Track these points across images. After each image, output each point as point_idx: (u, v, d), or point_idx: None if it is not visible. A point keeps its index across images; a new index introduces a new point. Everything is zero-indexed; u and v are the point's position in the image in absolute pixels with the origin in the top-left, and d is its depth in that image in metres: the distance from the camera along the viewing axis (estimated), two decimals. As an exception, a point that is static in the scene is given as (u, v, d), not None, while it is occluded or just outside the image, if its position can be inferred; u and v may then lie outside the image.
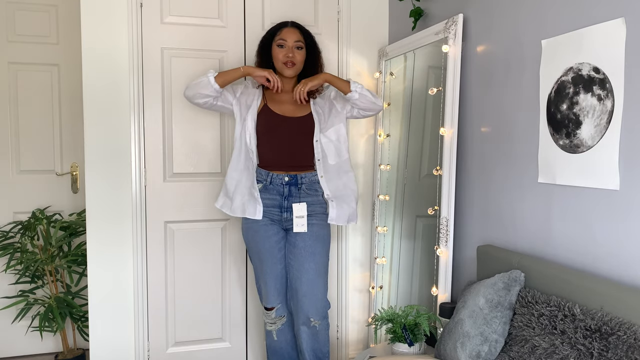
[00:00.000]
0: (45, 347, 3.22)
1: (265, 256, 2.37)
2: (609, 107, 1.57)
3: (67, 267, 2.87)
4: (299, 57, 2.37)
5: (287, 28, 2.39)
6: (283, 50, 2.35)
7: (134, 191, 2.60)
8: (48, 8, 3.15)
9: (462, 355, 1.74)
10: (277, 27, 2.42)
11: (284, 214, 2.36)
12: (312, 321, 2.34)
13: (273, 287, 2.39)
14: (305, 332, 2.36)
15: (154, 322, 2.69)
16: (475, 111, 2.23)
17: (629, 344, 1.34)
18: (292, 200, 2.35)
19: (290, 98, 2.39)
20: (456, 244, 2.32)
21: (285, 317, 2.45)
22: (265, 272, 2.39)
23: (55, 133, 3.21)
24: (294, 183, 2.35)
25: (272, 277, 2.38)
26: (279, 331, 2.46)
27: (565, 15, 1.75)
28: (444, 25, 2.30)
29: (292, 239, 2.37)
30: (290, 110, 2.39)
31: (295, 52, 2.35)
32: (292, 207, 2.33)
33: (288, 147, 2.36)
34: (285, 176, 2.34)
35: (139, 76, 2.58)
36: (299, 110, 2.40)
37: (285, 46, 2.35)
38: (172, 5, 2.63)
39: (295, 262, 2.35)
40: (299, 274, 2.33)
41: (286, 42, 2.35)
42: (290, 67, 2.35)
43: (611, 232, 1.60)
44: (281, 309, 2.44)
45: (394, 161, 2.80)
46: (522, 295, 1.73)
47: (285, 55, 2.34)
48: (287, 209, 2.35)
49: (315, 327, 2.35)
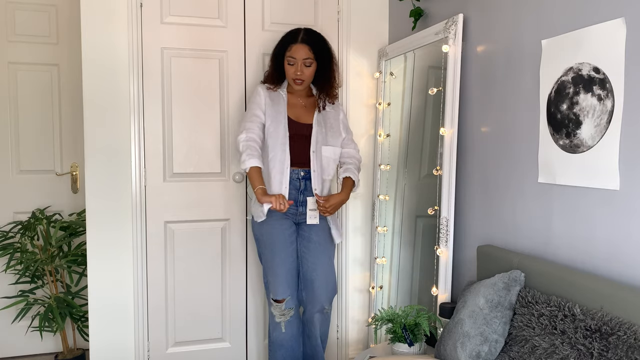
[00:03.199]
0: (45, 347, 3.22)
1: (279, 248, 2.43)
2: (609, 107, 1.57)
3: (67, 267, 2.87)
4: (308, 73, 2.45)
5: (297, 45, 2.42)
6: (292, 67, 2.43)
7: (134, 191, 2.60)
8: (48, 8, 3.15)
9: (462, 355, 1.74)
10: (288, 41, 2.44)
11: (300, 207, 2.45)
12: (325, 309, 2.51)
13: (284, 278, 2.43)
14: (318, 319, 2.52)
15: (154, 322, 2.69)
16: (475, 111, 2.23)
17: (629, 344, 1.34)
18: (307, 194, 2.45)
19: (302, 102, 2.53)
20: (456, 244, 2.32)
21: (293, 310, 2.47)
22: (278, 264, 2.43)
23: (55, 133, 3.21)
24: (307, 177, 2.46)
25: (285, 269, 2.43)
26: (288, 323, 2.46)
27: (565, 15, 1.75)
28: (444, 25, 2.30)
29: (305, 233, 2.48)
30: (300, 115, 2.50)
31: (304, 69, 2.43)
32: (307, 200, 2.43)
33: (298, 146, 2.44)
34: (301, 171, 2.44)
35: (139, 76, 2.58)
36: (307, 116, 2.51)
37: (294, 64, 2.42)
38: (172, 5, 2.63)
39: (310, 255, 2.47)
40: (314, 267, 2.47)
41: (295, 59, 2.41)
42: (299, 84, 2.45)
43: (611, 232, 1.59)
44: (290, 301, 2.45)
45: (394, 161, 2.80)
46: (522, 295, 1.73)
47: (294, 72, 2.43)
48: (302, 202, 2.45)
49: (326, 313, 2.53)
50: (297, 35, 2.43)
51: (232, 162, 2.75)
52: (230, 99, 2.74)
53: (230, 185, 2.76)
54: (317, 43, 2.45)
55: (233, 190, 2.77)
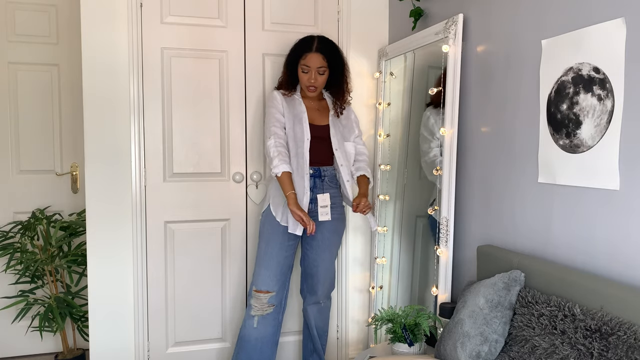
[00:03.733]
0: (45, 347, 3.22)
1: (276, 241, 2.47)
2: (609, 107, 1.57)
3: (67, 267, 2.87)
4: (321, 81, 2.51)
5: (311, 54, 2.46)
6: (306, 75, 2.49)
7: (134, 191, 2.60)
8: (48, 8, 3.15)
9: (462, 355, 1.74)
10: (303, 49, 2.48)
11: (309, 205, 2.47)
12: (321, 302, 2.62)
13: (272, 271, 2.46)
14: (313, 310, 2.62)
15: (154, 322, 2.69)
16: (475, 111, 2.23)
17: (629, 344, 1.34)
18: (316, 191, 2.49)
19: (315, 105, 2.58)
20: (456, 244, 2.32)
21: (273, 308, 2.47)
22: (270, 255, 2.47)
23: (55, 133, 3.21)
24: (317, 175, 2.49)
25: (274, 262, 2.47)
26: (262, 319, 2.47)
27: (565, 15, 1.75)
28: (444, 25, 2.30)
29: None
30: (315, 118, 2.55)
31: (318, 77, 2.49)
32: (317, 197, 2.47)
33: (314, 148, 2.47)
34: (310, 169, 2.46)
35: (139, 76, 2.58)
36: (321, 118, 2.56)
37: (308, 72, 2.47)
38: (172, 5, 2.63)
39: (312, 252, 2.56)
40: (315, 263, 2.56)
41: (309, 68, 2.47)
42: (313, 90, 2.52)
43: (611, 232, 1.59)
44: (274, 298, 2.47)
45: (394, 161, 2.80)
46: (522, 295, 1.73)
47: (309, 79, 2.49)
48: (311, 200, 2.48)
49: (323, 306, 2.64)
50: (312, 44, 2.47)
51: (232, 162, 2.76)
52: (230, 99, 2.74)
53: (230, 185, 2.76)
54: (331, 51, 2.50)
55: (233, 190, 2.77)
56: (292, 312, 2.88)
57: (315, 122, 2.54)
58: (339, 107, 2.60)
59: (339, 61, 2.54)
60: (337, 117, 2.60)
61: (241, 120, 2.75)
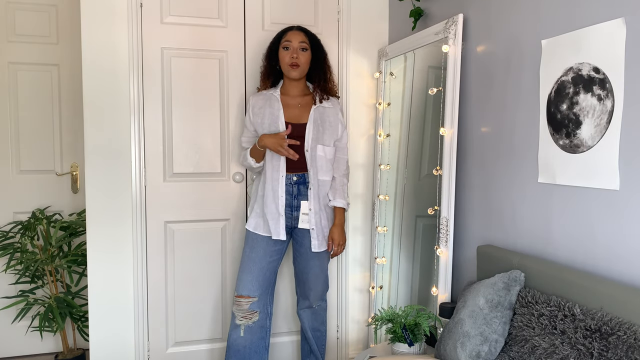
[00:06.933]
0: (45, 347, 3.23)
1: (260, 246, 2.45)
2: (609, 107, 1.57)
3: (67, 267, 2.87)
4: (304, 59, 2.45)
5: (292, 31, 2.48)
6: (288, 52, 2.43)
7: (134, 191, 2.60)
8: (48, 8, 3.15)
9: (462, 355, 1.74)
10: (283, 31, 2.50)
11: (294, 212, 2.45)
12: (313, 306, 2.59)
13: (254, 276, 2.44)
14: (307, 313, 2.60)
15: (154, 322, 2.69)
16: (475, 111, 2.23)
17: (629, 344, 1.34)
18: (301, 198, 2.45)
19: (298, 102, 2.50)
20: (456, 244, 2.32)
21: (258, 315, 2.45)
22: (254, 260, 2.45)
23: (55, 133, 3.21)
24: (302, 182, 2.45)
25: (257, 267, 2.45)
26: (248, 328, 2.44)
27: (565, 15, 1.75)
28: (444, 25, 2.30)
29: (298, 237, 2.50)
30: (295, 116, 2.48)
31: (300, 53, 2.43)
32: (301, 204, 2.44)
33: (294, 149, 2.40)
34: (294, 176, 2.44)
35: (139, 76, 2.59)
36: (303, 115, 2.49)
37: (290, 47, 2.43)
38: (172, 5, 2.63)
39: (302, 259, 2.52)
40: (305, 269, 2.53)
41: (291, 43, 2.43)
42: (295, 68, 2.43)
43: (611, 232, 1.60)
44: (256, 304, 2.44)
45: (394, 161, 2.80)
46: (522, 295, 1.73)
47: (290, 56, 2.42)
48: (297, 207, 2.46)
49: (317, 309, 2.61)
50: (292, 27, 2.51)
51: (232, 162, 2.76)
52: (230, 99, 2.74)
53: (230, 185, 2.76)
54: (312, 35, 2.51)
55: (233, 190, 2.77)
56: (288, 312, 2.88)
57: (294, 120, 2.46)
58: (319, 96, 2.49)
59: (320, 48, 2.52)
60: (316, 105, 2.47)
61: (241, 120, 2.75)
